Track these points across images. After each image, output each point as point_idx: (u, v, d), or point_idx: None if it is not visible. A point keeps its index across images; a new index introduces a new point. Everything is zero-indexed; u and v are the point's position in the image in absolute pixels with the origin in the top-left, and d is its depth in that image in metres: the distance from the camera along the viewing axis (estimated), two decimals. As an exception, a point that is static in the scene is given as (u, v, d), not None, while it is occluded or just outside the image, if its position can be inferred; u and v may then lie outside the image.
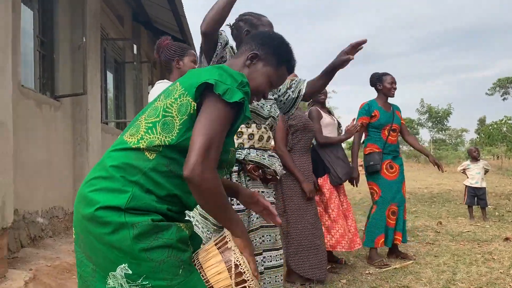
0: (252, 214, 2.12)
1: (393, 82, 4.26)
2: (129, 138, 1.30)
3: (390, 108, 4.33)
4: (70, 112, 5.23)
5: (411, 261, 4.06)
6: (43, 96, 4.61)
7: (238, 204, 1.97)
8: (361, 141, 4.43)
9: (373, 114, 4.23)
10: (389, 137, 4.25)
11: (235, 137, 2.14)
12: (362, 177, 4.29)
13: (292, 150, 3.58)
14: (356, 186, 4.32)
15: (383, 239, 4.09)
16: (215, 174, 1.24)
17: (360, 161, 4.30)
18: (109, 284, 1.23)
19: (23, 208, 3.96)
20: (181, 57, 2.84)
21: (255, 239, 2.12)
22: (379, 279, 3.58)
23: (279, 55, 1.52)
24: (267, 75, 1.50)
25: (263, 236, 2.19)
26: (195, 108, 1.29)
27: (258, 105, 2.13)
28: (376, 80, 4.32)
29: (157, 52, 2.89)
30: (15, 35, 3.80)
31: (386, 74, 4.31)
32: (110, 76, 7.63)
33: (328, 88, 4.34)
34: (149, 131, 1.28)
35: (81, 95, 5.03)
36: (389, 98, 4.31)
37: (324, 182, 3.93)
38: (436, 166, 4.44)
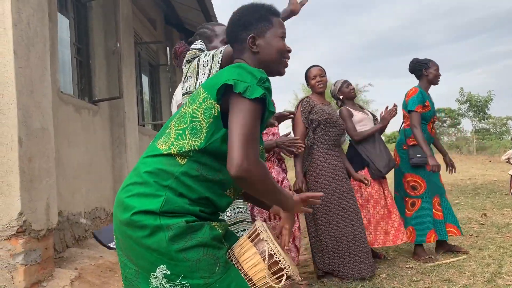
0: (234, 208, 2.12)
1: (438, 69, 4.09)
2: (161, 146, 1.35)
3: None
4: (108, 116, 5.38)
5: (463, 256, 3.88)
6: (82, 101, 4.77)
7: None
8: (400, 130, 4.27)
9: (426, 104, 3.99)
10: (432, 129, 4.12)
11: None
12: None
13: (315, 145, 3.50)
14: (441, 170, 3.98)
15: (434, 234, 3.90)
16: (260, 164, 1.26)
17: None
18: (152, 284, 1.28)
19: (66, 210, 4.11)
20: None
21: (238, 232, 2.11)
22: (420, 273, 3.49)
23: (261, 16, 1.52)
24: (273, 38, 1.52)
25: (244, 230, 2.18)
26: (219, 110, 1.31)
27: None
28: (422, 65, 4.09)
29: (176, 58, 2.90)
30: (53, 44, 3.95)
31: (431, 60, 4.11)
32: (145, 79, 7.80)
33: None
34: (179, 137, 1.32)
35: (118, 98, 5.16)
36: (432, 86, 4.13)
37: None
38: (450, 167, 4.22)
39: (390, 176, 4.37)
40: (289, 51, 1.56)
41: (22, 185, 2.87)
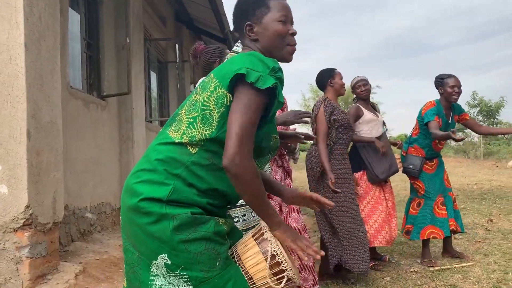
0: (250, 213, 2.12)
1: (455, 85, 3.92)
2: (173, 134, 1.34)
3: (450, 115, 4.07)
4: (116, 111, 5.40)
5: (469, 262, 3.85)
6: (90, 96, 4.79)
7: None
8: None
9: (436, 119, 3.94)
10: (438, 145, 4.09)
11: None
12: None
13: (336, 144, 3.56)
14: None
15: (429, 230, 3.94)
16: (253, 163, 1.26)
17: (397, 155, 4.14)
18: (153, 271, 1.29)
19: (73, 204, 4.13)
20: (222, 57, 2.88)
21: None
22: (425, 277, 3.47)
23: (258, 2, 1.48)
24: (271, 22, 1.46)
25: None
26: (231, 99, 1.30)
27: None
28: (438, 83, 4.04)
29: (194, 57, 2.92)
30: (63, 39, 3.97)
31: (449, 76, 4.00)
32: (153, 76, 7.82)
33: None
34: (190, 126, 1.31)
35: (126, 94, 5.18)
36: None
37: (360, 178, 3.91)
38: None
39: (395, 179, 4.36)
40: (293, 33, 1.48)
41: (30, 178, 2.89)
